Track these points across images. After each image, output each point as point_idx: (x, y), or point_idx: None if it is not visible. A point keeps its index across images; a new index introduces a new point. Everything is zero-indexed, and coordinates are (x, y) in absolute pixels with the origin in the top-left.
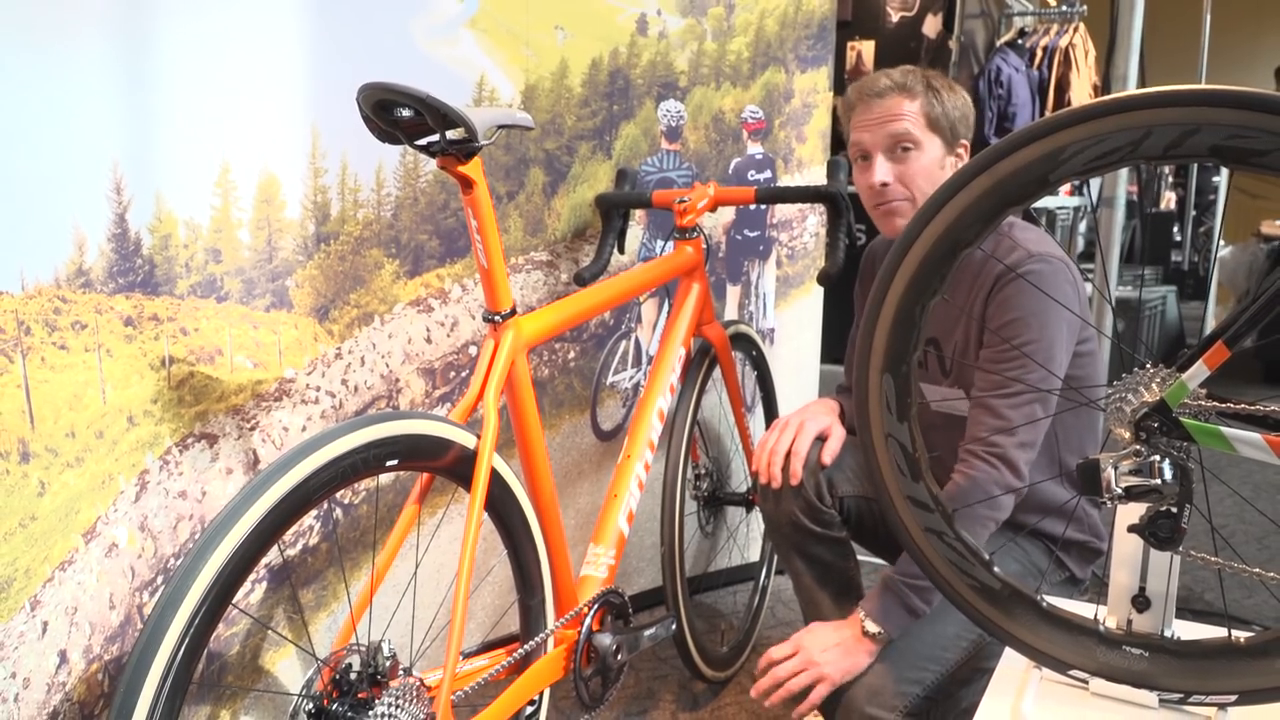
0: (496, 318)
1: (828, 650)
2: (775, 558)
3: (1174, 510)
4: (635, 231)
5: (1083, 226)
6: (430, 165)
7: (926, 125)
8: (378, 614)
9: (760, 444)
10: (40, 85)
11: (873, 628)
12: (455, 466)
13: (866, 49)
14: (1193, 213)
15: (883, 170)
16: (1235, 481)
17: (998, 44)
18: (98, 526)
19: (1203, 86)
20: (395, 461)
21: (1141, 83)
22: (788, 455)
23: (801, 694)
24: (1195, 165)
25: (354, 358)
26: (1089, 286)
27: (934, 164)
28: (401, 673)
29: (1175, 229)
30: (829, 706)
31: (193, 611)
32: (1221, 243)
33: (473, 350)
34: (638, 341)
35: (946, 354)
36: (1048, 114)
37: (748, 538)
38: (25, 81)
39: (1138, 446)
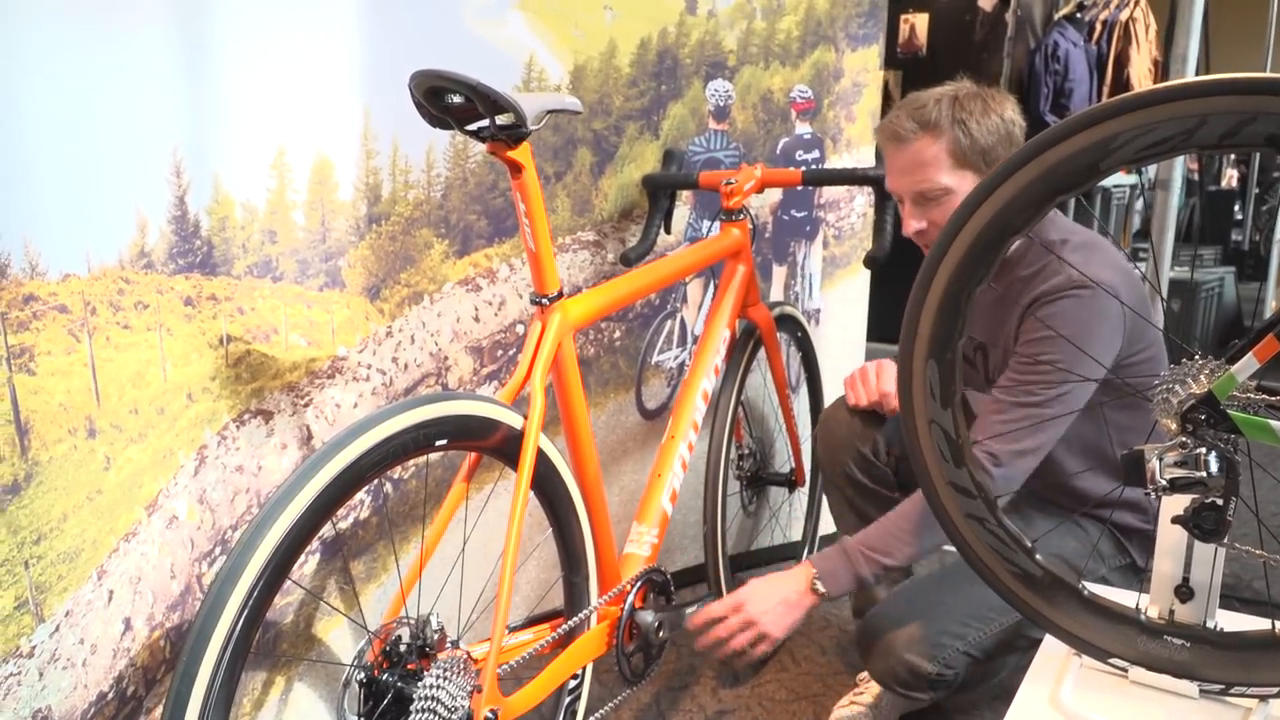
0: (544, 300)
1: (769, 610)
2: (817, 538)
3: (1219, 503)
4: (682, 211)
5: (1139, 205)
6: (479, 146)
7: (954, 165)
8: (426, 587)
9: (852, 375)
10: (104, 73)
11: (821, 587)
12: (502, 446)
13: (920, 22)
14: (1255, 190)
15: (915, 219)
16: None
17: (1055, 17)
18: (159, 500)
19: (1261, 74)
20: (444, 441)
21: (1205, 66)
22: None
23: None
24: None
25: (404, 336)
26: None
27: None
28: (449, 645)
29: (1236, 207)
30: (865, 650)
31: (252, 584)
32: None
33: (520, 329)
34: (683, 321)
35: (991, 364)
36: (1105, 90)
37: (790, 517)
38: (90, 69)
39: (1183, 438)
